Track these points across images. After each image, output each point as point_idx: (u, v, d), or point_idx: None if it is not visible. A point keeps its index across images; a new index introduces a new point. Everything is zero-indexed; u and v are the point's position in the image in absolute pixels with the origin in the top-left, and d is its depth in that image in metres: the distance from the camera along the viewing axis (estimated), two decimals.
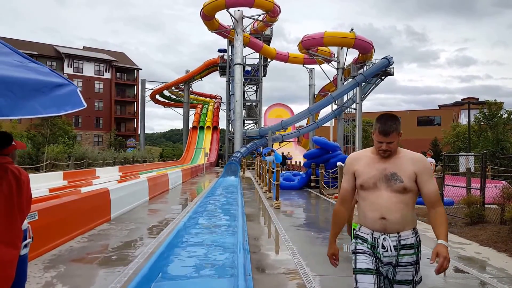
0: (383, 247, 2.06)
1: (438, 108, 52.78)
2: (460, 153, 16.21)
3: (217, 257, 4.95)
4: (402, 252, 2.06)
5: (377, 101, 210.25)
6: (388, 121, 2.09)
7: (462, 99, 37.71)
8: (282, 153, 25.25)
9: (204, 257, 4.96)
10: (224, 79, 43.25)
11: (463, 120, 41.24)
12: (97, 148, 40.33)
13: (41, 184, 12.62)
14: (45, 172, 17.80)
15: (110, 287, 3.74)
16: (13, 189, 2.17)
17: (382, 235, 2.07)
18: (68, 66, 48.15)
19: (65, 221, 5.58)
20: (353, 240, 2.24)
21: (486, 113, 27.84)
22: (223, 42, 53.66)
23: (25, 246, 2.35)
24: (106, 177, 16.93)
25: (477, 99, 40.40)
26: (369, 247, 2.11)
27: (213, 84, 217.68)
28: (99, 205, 7.04)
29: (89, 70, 49.83)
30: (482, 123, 28.70)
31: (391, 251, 2.04)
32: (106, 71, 51.36)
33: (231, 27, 34.91)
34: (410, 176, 2.06)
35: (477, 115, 28.94)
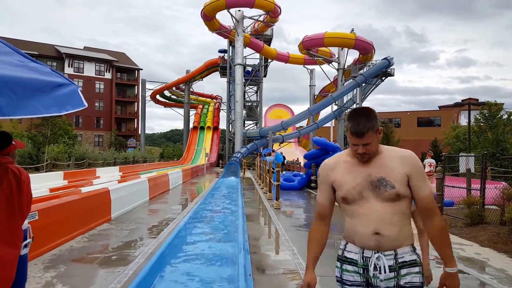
0: (375, 268, 1.68)
1: (438, 109, 52.82)
2: (460, 154, 16.19)
3: (217, 258, 4.95)
4: (403, 271, 1.68)
5: (376, 101, 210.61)
6: (361, 118, 1.70)
7: (462, 100, 37.66)
8: (281, 152, 25.26)
9: (204, 257, 4.97)
10: (224, 80, 43.27)
11: (463, 121, 41.22)
12: (97, 148, 40.33)
13: (42, 184, 12.62)
14: (46, 172, 17.81)
15: (110, 287, 3.74)
16: (14, 189, 2.17)
17: (375, 253, 1.69)
18: (69, 66, 48.20)
19: (65, 221, 5.59)
20: (338, 264, 1.82)
21: (486, 114, 27.85)
22: (222, 43, 53.82)
23: (25, 246, 2.36)
24: (107, 177, 16.93)
25: (477, 100, 40.36)
26: (361, 272, 1.72)
27: (213, 84, 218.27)
28: (100, 205, 7.05)
29: (89, 70, 49.87)
30: (482, 124, 28.70)
31: (385, 272, 1.66)
32: (106, 71, 51.40)
33: (231, 28, 34.93)
34: (402, 180, 1.68)
35: (477, 116, 28.94)
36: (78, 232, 5.89)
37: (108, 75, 51.47)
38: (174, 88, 52.18)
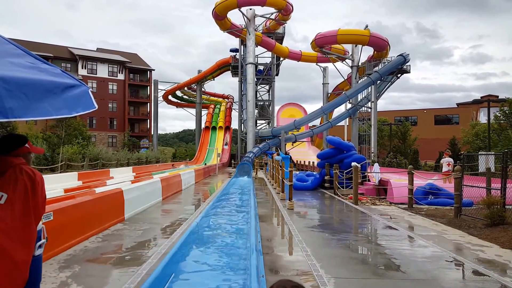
0: None
1: (456, 106, 51.75)
2: (479, 153, 15.77)
3: (230, 258, 4.92)
4: None
5: (391, 99, 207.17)
6: None
7: (482, 97, 36.78)
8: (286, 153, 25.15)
9: (217, 258, 4.93)
10: (235, 79, 43.40)
11: (482, 118, 40.25)
12: (111, 148, 40.90)
13: (56, 184, 12.84)
14: (60, 172, 18.13)
15: (123, 287, 3.75)
16: (28, 189, 2.18)
17: None
18: (82, 68, 49.00)
19: (79, 221, 5.64)
20: None
21: (507, 111, 27.07)
22: (230, 43, 54.15)
23: (40, 246, 2.36)
24: (120, 178, 17.14)
25: (497, 96, 39.35)
26: None
27: (223, 84, 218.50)
28: (113, 206, 7.10)
29: (103, 71, 50.58)
30: (502, 122, 27.94)
31: None
32: (119, 72, 52.06)
33: (243, 27, 34.93)
34: None
35: (497, 113, 28.19)
36: (92, 232, 5.94)
37: (121, 76, 52.13)
38: (186, 88, 52.56)
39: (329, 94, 44.40)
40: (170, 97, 53.78)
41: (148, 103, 54.77)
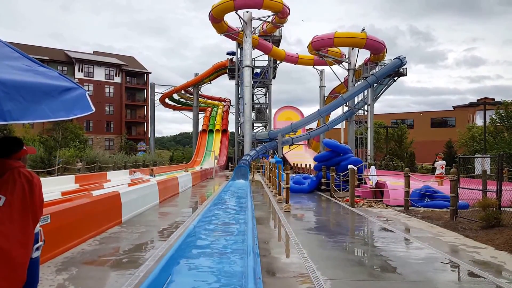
0: None
1: (453, 109, 52.07)
2: (475, 155, 15.88)
3: (227, 261, 4.93)
4: None
5: (386, 102, 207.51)
6: None
7: (478, 100, 36.97)
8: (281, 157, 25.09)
9: (214, 260, 4.94)
10: (231, 82, 43.33)
11: (478, 121, 40.49)
12: (108, 152, 40.75)
13: (54, 187, 12.80)
14: (58, 175, 18.06)
15: None
16: (26, 192, 2.19)
17: None
18: (79, 71, 48.88)
19: (77, 224, 5.63)
20: None
21: (503, 114, 27.24)
22: (225, 45, 54.16)
23: (37, 249, 2.37)
24: (117, 181, 17.10)
25: (493, 99, 39.59)
26: None
27: (219, 87, 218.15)
28: (110, 208, 7.09)
29: (99, 74, 50.48)
30: (498, 124, 28.13)
31: None
32: (116, 75, 51.96)
33: (239, 29, 35.01)
34: None
35: (493, 116, 28.38)
36: (89, 235, 5.93)
37: (117, 79, 52.03)
38: (182, 91, 52.48)
39: (325, 97, 44.51)
40: (167, 100, 53.70)
41: (145, 106, 54.69)
